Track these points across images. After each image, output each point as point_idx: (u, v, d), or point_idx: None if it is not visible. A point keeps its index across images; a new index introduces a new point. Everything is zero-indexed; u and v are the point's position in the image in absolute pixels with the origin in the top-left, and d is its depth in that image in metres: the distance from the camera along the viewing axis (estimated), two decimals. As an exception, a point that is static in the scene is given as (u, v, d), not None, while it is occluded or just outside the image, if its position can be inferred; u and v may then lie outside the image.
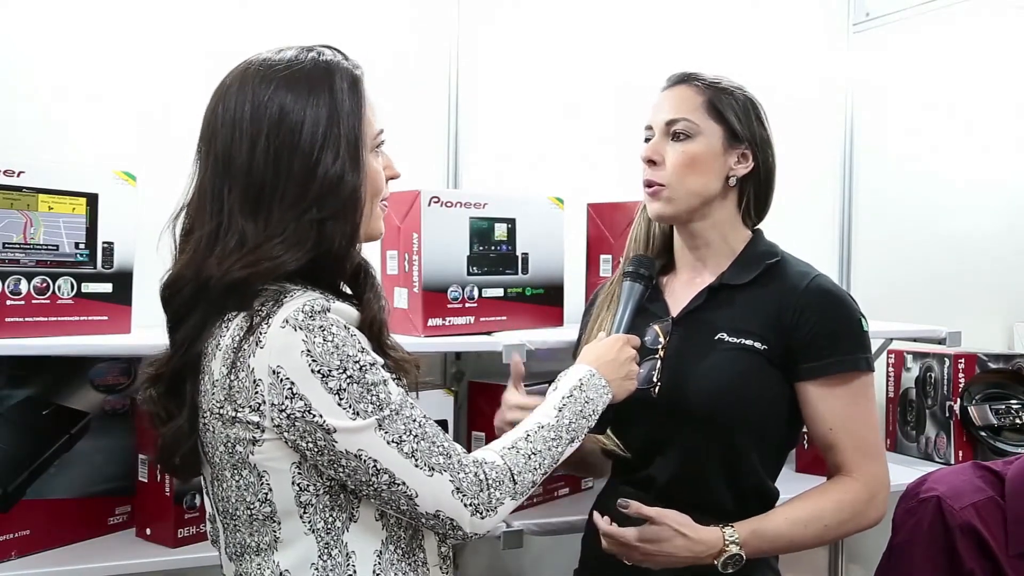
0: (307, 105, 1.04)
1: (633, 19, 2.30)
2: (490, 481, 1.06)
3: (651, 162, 1.38)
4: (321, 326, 0.99)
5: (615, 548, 1.29)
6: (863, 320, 1.36)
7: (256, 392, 0.99)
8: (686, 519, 1.27)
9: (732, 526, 1.28)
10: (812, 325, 1.32)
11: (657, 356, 1.37)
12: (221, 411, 1.02)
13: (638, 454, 1.38)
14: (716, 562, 1.26)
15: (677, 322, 1.40)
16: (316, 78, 1.06)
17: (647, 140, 1.41)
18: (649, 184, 1.38)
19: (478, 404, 1.95)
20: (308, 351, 0.98)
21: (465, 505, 1.04)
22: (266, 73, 1.05)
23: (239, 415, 1.01)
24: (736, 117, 1.37)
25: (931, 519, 1.54)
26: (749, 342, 1.33)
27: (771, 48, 2.47)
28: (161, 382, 1.10)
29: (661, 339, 1.38)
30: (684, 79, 1.40)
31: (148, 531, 1.62)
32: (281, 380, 0.98)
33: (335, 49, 1.11)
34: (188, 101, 1.81)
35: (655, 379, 1.35)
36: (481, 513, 1.05)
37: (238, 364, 1.00)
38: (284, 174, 1.03)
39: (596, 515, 1.31)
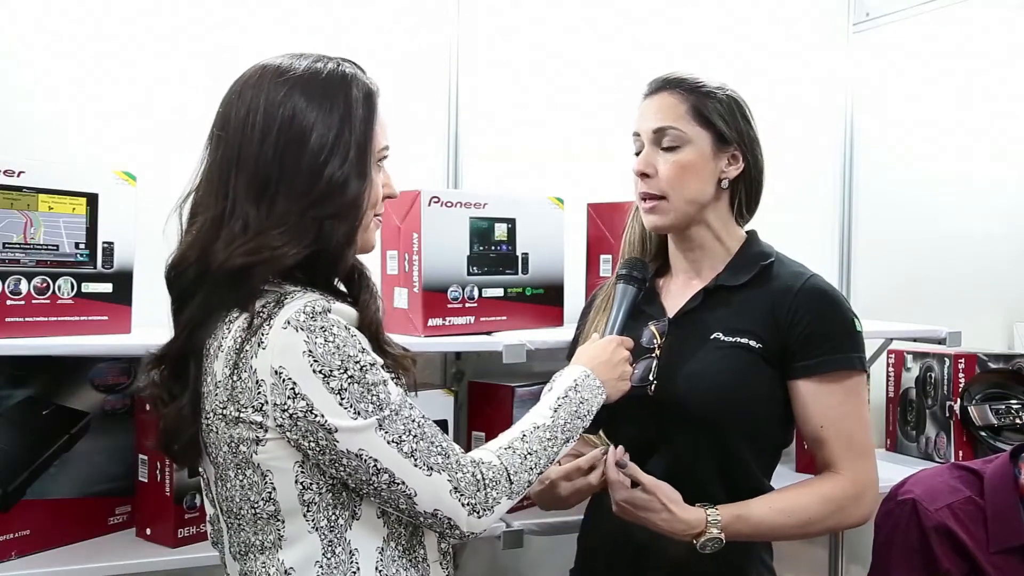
0: (320, 109, 1.06)
1: (633, 19, 2.30)
2: (487, 481, 1.06)
3: (644, 175, 1.38)
4: (322, 327, 1.00)
5: (610, 490, 1.30)
6: (856, 320, 1.36)
7: (259, 392, 1.00)
8: (676, 495, 1.28)
9: (716, 508, 1.29)
10: (806, 324, 1.33)
11: (653, 355, 1.37)
12: (224, 412, 1.03)
13: (633, 452, 1.38)
14: (695, 542, 1.27)
15: (673, 322, 1.40)
16: (333, 85, 1.08)
17: (636, 150, 1.41)
18: (644, 197, 1.39)
19: (478, 404, 1.96)
20: (310, 351, 0.99)
21: (462, 504, 1.04)
22: (284, 74, 1.07)
23: (242, 415, 1.01)
24: (722, 120, 1.37)
25: (907, 521, 1.56)
26: (744, 340, 1.34)
27: (771, 48, 2.47)
28: (165, 364, 1.11)
29: (657, 339, 1.38)
30: (665, 85, 1.39)
31: (148, 531, 1.63)
32: (283, 380, 0.99)
33: (354, 63, 1.13)
34: (189, 101, 1.83)
35: (651, 377, 1.36)
36: (478, 512, 1.05)
37: (240, 365, 1.01)
38: (290, 169, 1.05)
39: (611, 456, 1.31)
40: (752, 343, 1.34)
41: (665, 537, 1.31)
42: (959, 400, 2.24)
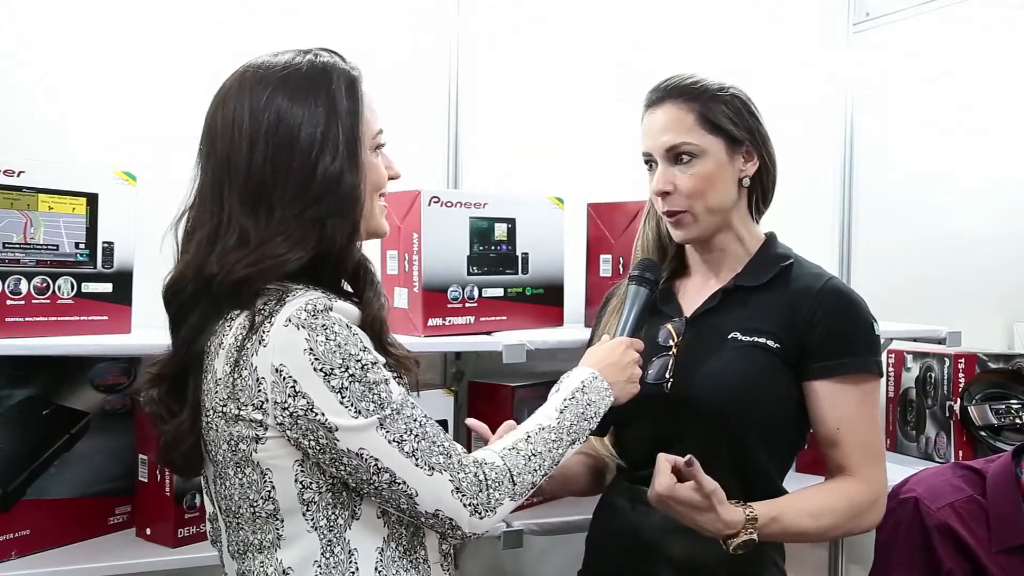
0: (304, 107, 1.05)
1: (633, 19, 2.30)
2: (489, 482, 1.06)
3: (665, 193, 1.36)
4: (323, 325, 0.99)
5: (657, 488, 1.23)
6: (875, 324, 1.36)
7: (259, 390, 1.00)
8: (723, 495, 1.23)
9: (753, 508, 1.25)
10: (826, 326, 1.32)
11: (670, 354, 1.37)
12: (224, 409, 1.03)
13: (648, 451, 1.38)
14: (728, 543, 1.23)
15: (690, 322, 1.40)
16: (313, 80, 1.07)
17: (647, 163, 1.40)
18: (671, 214, 1.37)
19: (478, 404, 1.95)
20: (310, 349, 0.98)
21: (464, 505, 1.04)
22: (264, 76, 1.06)
23: (242, 413, 1.01)
24: (731, 122, 1.35)
25: (908, 519, 1.56)
26: (762, 340, 1.33)
27: (771, 48, 2.47)
28: (163, 382, 1.11)
29: (674, 337, 1.38)
30: (667, 95, 1.36)
31: (148, 531, 1.63)
32: (284, 378, 0.99)
33: (332, 51, 1.12)
34: (188, 101, 1.81)
35: (668, 375, 1.35)
36: (480, 513, 1.05)
37: (241, 362, 1.01)
38: (283, 173, 1.04)
39: (663, 458, 1.24)
40: (770, 343, 1.33)
41: (673, 537, 1.31)
42: (959, 400, 2.24)
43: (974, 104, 2.66)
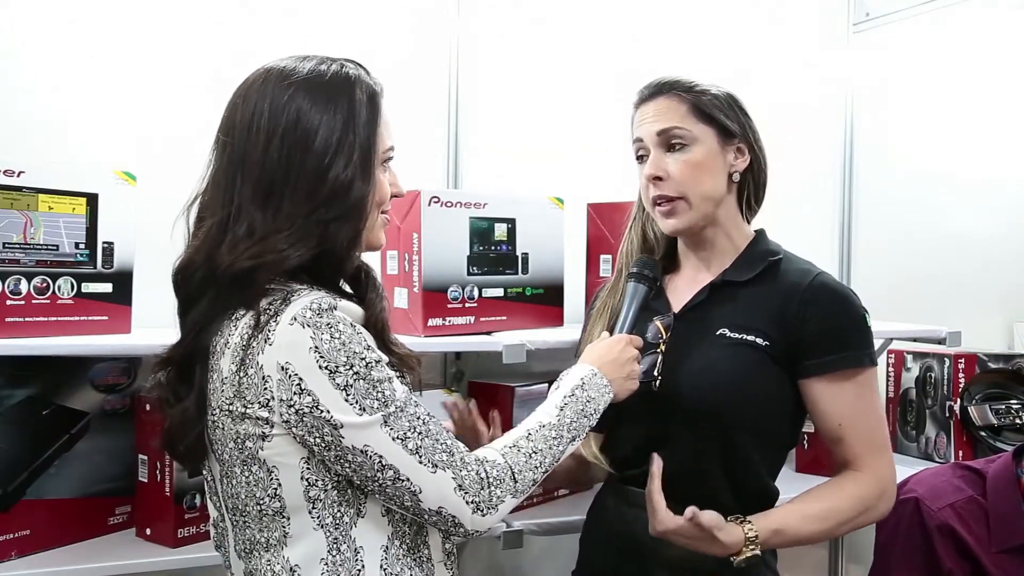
0: (324, 112, 1.07)
1: (633, 19, 2.30)
2: (491, 479, 1.07)
3: (656, 178, 1.37)
4: (328, 323, 1.00)
5: (658, 527, 1.25)
6: (866, 316, 1.36)
7: (265, 388, 1.00)
8: (721, 520, 1.24)
9: (751, 523, 1.26)
10: (817, 322, 1.32)
11: (658, 351, 1.37)
12: (231, 408, 1.03)
13: (638, 449, 1.38)
14: (733, 559, 1.25)
15: (679, 317, 1.40)
16: (336, 87, 1.09)
17: (639, 156, 1.40)
18: (659, 201, 1.37)
19: (478, 404, 1.95)
20: (316, 348, 0.99)
21: (467, 502, 1.05)
22: (288, 77, 1.08)
23: (248, 411, 1.02)
24: (723, 114, 1.37)
25: (909, 519, 1.56)
26: (751, 338, 1.33)
27: (771, 48, 2.47)
28: (171, 366, 1.11)
29: (662, 334, 1.38)
30: (660, 90, 1.38)
31: (148, 531, 1.62)
32: (290, 376, 0.99)
33: (358, 64, 1.14)
34: (189, 101, 1.82)
35: (656, 373, 1.35)
36: (482, 511, 1.06)
37: (247, 361, 1.01)
38: (295, 172, 1.05)
39: (655, 492, 1.26)
40: (759, 341, 1.33)
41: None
42: (959, 400, 2.24)
43: (974, 104, 2.66)
